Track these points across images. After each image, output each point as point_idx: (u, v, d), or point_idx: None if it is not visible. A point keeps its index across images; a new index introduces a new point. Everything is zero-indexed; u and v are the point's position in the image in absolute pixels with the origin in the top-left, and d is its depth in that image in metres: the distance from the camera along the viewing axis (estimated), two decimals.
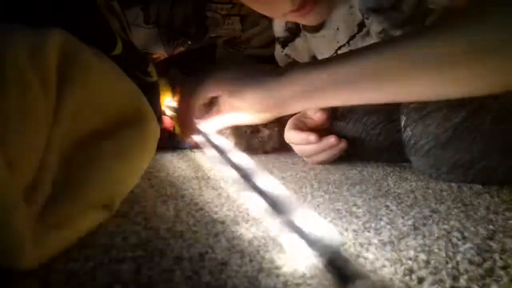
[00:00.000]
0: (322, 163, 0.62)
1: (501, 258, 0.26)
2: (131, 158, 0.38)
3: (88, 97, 0.33)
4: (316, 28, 0.65)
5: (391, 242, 0.29)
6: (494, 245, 0.28)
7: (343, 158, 0.64)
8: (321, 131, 0.59)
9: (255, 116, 0.48)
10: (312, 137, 0.58)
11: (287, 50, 0.81)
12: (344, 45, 0.64)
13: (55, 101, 0.27)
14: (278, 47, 0.83)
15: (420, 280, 0.23)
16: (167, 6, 0.77)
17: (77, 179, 0.33)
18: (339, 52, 0.65)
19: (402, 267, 0.25)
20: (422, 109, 0.47)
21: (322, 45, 0.67)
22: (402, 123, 0.49)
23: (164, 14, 0.77)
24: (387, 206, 0.38)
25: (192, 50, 0.89)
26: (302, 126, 0.62)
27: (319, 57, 0.71)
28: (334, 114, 0.62)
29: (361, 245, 0.29)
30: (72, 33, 0.31)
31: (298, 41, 0.76)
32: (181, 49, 0.86)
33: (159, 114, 0.46)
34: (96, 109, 0.35)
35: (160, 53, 0.84)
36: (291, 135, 0.62)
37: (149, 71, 0.48)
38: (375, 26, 0.56)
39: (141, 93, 0.41)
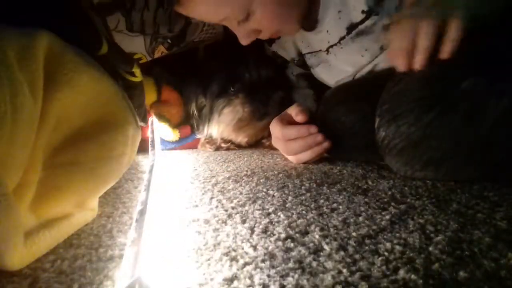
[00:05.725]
0: (307, 162, 0.63)
1: (469, 248, 0.28)
2: (111, 161, 0.38)
3: (73, 99, 0.33)
4: (309, 28, 0.67)
5: (370, 236, 0.31)
6: (463, 236, 0.30)
7: (324, 158, 0.65)
8: None
9: None
10: (313, 128, 0.60)
11: (274, 47, 0.82)
12: (336, 44, 0.66)
13: (42, 104, 0.27)
14: (265, 45, 0.85)
15: (396, 269, 0.25)
16: (151, 13, 0.74)
17: (59, 181, 0.33)
18: (330, 50, 0.68)
19: (380, 258, 0.26)
20: (395, 110, 0.48)
21: (314, 42, 0.70)
22: (376, 124, 0.51)
23: (149, 22, 0.74)
24: (366, 203, 0.40)
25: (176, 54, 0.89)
26: (288, 125, 0.63)
27: (305, 51, 0.73)
28: (314, 116, 0.64)
29: (342, 239, 0.30)
30: (57, 33, 0.31)
31: (284, 38, 0.78)
32: (163, 50, 0.86)
33: (143, 113, 0.46)
34: (80, 111, 0.35)
35: (141, 54, 0.83)
36: (288, 131, 0.62)
37: (133, 71, 0.48)
38: (384, 18, 0.58)
39: (124, 95, 0.41)
